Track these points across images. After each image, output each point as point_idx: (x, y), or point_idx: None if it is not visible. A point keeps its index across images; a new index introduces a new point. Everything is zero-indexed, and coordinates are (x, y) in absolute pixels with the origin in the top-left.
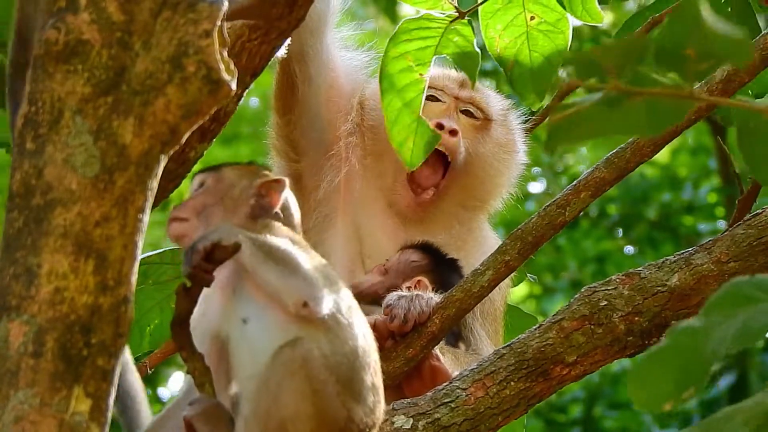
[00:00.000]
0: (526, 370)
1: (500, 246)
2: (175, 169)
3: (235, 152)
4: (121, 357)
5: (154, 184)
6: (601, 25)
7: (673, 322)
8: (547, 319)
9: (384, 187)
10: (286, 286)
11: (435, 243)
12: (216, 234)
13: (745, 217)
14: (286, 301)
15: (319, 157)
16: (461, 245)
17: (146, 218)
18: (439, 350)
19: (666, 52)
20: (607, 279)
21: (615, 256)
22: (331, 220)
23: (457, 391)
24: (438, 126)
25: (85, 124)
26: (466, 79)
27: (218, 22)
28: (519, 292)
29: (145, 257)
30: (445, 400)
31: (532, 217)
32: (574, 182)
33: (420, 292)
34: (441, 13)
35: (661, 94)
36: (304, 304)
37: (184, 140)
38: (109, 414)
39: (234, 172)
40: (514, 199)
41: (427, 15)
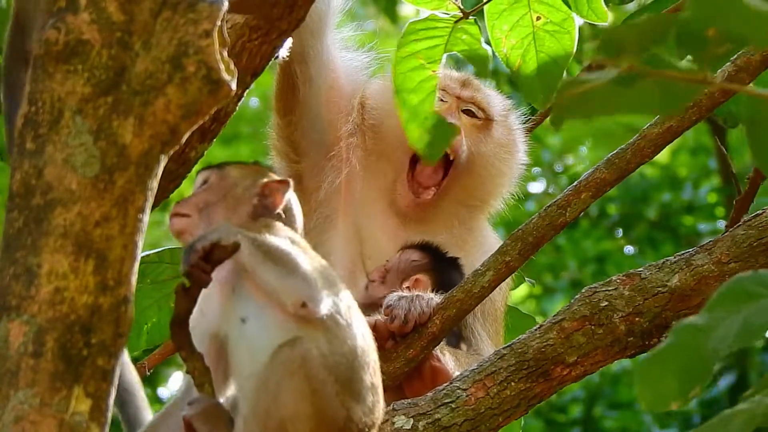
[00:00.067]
0: (526, 371)
1: (501, 246)
2: (175, 170)
3: (235, 152)
4: (121, 357)
5: (154, 184)
6: (603, 25)
7: (674, 322)
8: (548, 320)
9: (385, 188)
10: (285, 286)
11: (435, 242)
12: (215, 234)
13: (745, 218)
14: (285, 301)
15: (320, 158)
16: (462, 245)
17: (146, 218)
18: (440, 351)
19: (687, 33)
20: (607, 279)
21: (615, 256)
22: (332, 221)
23: (458, 391)
24: None
25: (85, 124)
26: (467, 79)
27: (218, 22)
28: (519, 292)
29: (143, 256)
30: (446, 401)
31: (533, 218)
32: (574, 183)
33: (420, 293)
34: (445, 14)
35: (675, 78)
36: (303, 305)
37: (185, 140)
38: (109, 414)
39: (238, 171)
40: (514, 199)
41: (432, 16)
